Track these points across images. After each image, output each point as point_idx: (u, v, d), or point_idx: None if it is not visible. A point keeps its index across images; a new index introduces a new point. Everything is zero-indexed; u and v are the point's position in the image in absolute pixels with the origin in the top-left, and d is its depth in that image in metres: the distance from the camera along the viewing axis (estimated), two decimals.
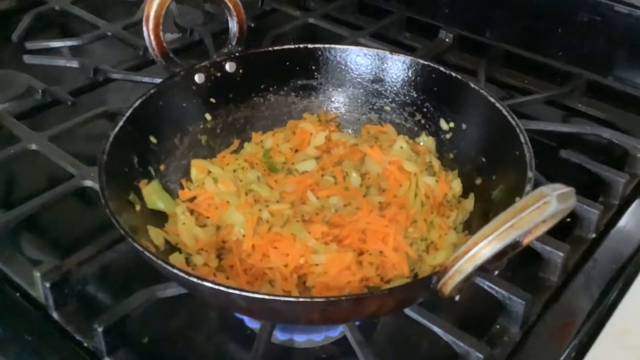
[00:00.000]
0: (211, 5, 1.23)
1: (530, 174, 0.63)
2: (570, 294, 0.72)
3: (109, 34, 1.12)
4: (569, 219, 0.77)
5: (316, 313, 0.56)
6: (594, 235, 0.77)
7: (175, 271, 0.55)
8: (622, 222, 0.80)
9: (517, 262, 0.65)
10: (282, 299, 0.54)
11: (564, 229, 0.76)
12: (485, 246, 0.48)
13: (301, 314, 0.57)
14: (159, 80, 0.78)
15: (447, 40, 1.10)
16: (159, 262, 0.55)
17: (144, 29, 0.75)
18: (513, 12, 1.10)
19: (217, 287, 0.53)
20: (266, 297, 0.52)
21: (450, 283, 0.50)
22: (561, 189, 0.47)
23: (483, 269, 0.52)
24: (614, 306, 0.70)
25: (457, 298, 0.53)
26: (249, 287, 0.65)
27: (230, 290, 0.52)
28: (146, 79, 0.98)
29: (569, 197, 0.48)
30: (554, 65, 1.04)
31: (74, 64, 1.05)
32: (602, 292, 0.72)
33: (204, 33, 1.11)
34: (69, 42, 1.10)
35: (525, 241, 0.54)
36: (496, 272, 0.61)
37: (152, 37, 0.75)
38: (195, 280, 0.53)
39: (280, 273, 0.65)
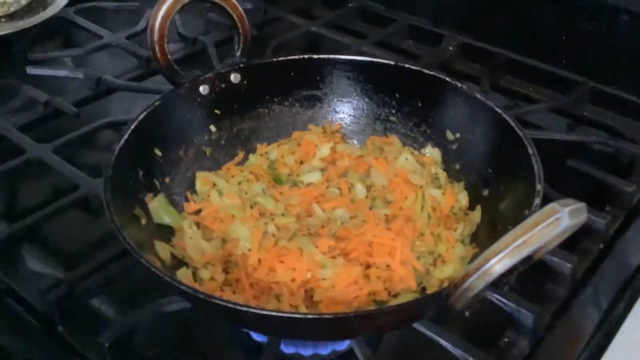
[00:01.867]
0: (214, 13, 1.23)
1: (539, 187, 0.62)
2: (578, 306, 0.71)
3: (112, 43, 1.12)
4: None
5: (324, 330, 0.55)
6: (601, 246, 0.77)
7: (182, 287, 0.54)
8: (630, 231, 0.79)
9: (525, 274, 0.64)
10: (289, 315, 0.54)
11: (571, 240, 0.74)
12: (497, 263, 0.47)
13: (308, 331, 0.56)
14: (162, 91, 0.78)
15: (450, 48, 1.10)
16: (166, 278, 0.55)
17: (148, 41, 0.75)
18: (517, 19, 1.10)
19: (223, 303, 0.52)
20: (273, 313, 0.52)
21: (461, 299, 0.50)
22: (573, 204, 0.47)
23: (494, 284, 0.51)
24: (623, 317, 0.69)
25: (467, 314, 0.53)
26: (256, 302, 0.64)
27: (237, 307, 0.52)
28: (149, 90, 0.97)
29: (581, 213, 0.47)
30: (558, 73, 1.04)
31: (77, 74, 1.05)
32: (611, 303, 0.71)
33: (207, 42, 1.11)
34: (71, 53, 1.10)
35: (537, 256, 0.53)
36: (506, 288, 0.60)
37: (156, 49, 0.74)
38: (201, 296, 0.53)
39: (287, 288, 0.64)
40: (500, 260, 0.47)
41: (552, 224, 0.46)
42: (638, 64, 1.01)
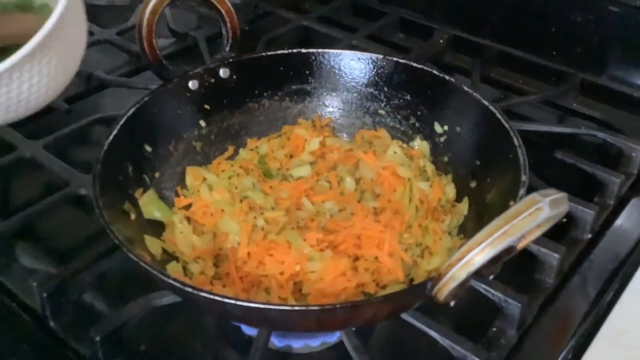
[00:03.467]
0: (206, 8, 1.23)
1: (524, 178, 0.63)
2: (566, 296, 0.72)
3: (103, 40, 1.12)
4: (564, 219, 0.77)
5: (311, 321, 0.56)
6: (589, 236, 0.77)
7: (170, 281, 0.55)
8: (618, 222, 0.80)
9: (513, 265, 0.64)
10: (276, 307, 0.54)
11: (559, 230, 0.76)
12: (479, 253, 0.48)
13: (296, 322, 0.57)
14: (153, 86, 0.79)
15: (441, 41, 1.10)
16: (154, 272, 0.56)
17: (137, 37, 0.75)
18: (507, 12, 1.10)
19: (211, 296, 0.53)
20: (260, 306, 0.53)
21: (444, 289, 0.51)
22: (554, 194, 0.48)
23: (478, 274, 0.52)
24: (610, 307, 0.70)
25: (452, 304, 0.54)
26: (245, 295, 0.65)
27: (225, 300, 0.53)
28: (140, 85, 0.97)
29: (562, 203, 0.48)
30: (548, 65, 1.04)
31: None
32: (599, 293, 0.72)
33: (198, 37, 1.11)
34: None
35: (520, 246, 0.53)
36: (491, 277, 0.61)
37: (145, 45, 0.75)
38: (189, 290, 0.54)
39: (276, 280, 0.65)
40: (482, 251, 0.48)
41: (532, 214, 0.47)
42: (627, 56, 1.02)
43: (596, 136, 0.89)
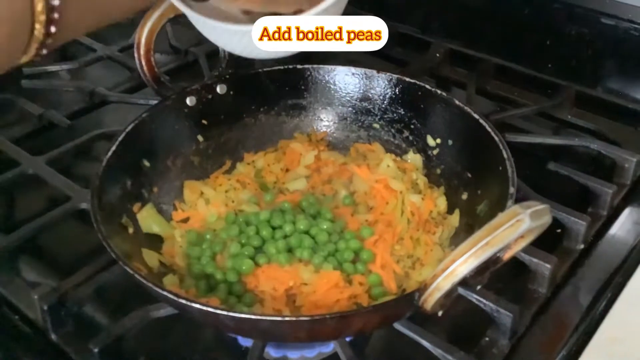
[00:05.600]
0: None
1: (512, 190, 0.64)
2: (558, 305, 0.72)
3: (105, 56, 1.14)
4: (558, 230, 0.78)
5: (303, 331, 0.57)
6: (582, 246, 0.78)
7: (165, 293, 0.56)
8: (611, 232, 0.81)
9: (505, 275, 0.65)
10: (267, 318, 0.56)
11: (552, 241, 0.77)
12: (462, 263, 0.49)
13: (288, 333, 0.58)
14: (154, 102, 0.80)
15: (438, 54, 1.12)
16: (149, 284, 0.57)
17: (135, 54, 0.77)
18: (503, 26, 1.11)
19: (204, 307, 0.54)
20: (251, 317, 0.54)
21: (430, 299, 0.52)
22: (534, 206, 0.49)
23: (465, 284, 0.53)
24: (602, 316, 0.70)
25: (440, 313, 0.55)
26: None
27: (217, 311, 0.54)
28: (142, 101, 0.99)
29: (543, 214, 0.49)
30: (543, 77, 1.05)
31: (71, 87, 1.07)
32: (591, 302, 0.72)
33: (198, 53, 1.13)
34: (65, 66, 1.12)
35: (506, 256, 0.55)
36: (478, 287, 0.62)
37: (143, 63, 0.77)
38: (183, 301, 0.55)
39: (270, 293, 0.66)
40: (465, 261, 0.49)
41: (513, 225, 0.48)
42: (621, 68, 1.03)
43: (590, 147, 0.90)
